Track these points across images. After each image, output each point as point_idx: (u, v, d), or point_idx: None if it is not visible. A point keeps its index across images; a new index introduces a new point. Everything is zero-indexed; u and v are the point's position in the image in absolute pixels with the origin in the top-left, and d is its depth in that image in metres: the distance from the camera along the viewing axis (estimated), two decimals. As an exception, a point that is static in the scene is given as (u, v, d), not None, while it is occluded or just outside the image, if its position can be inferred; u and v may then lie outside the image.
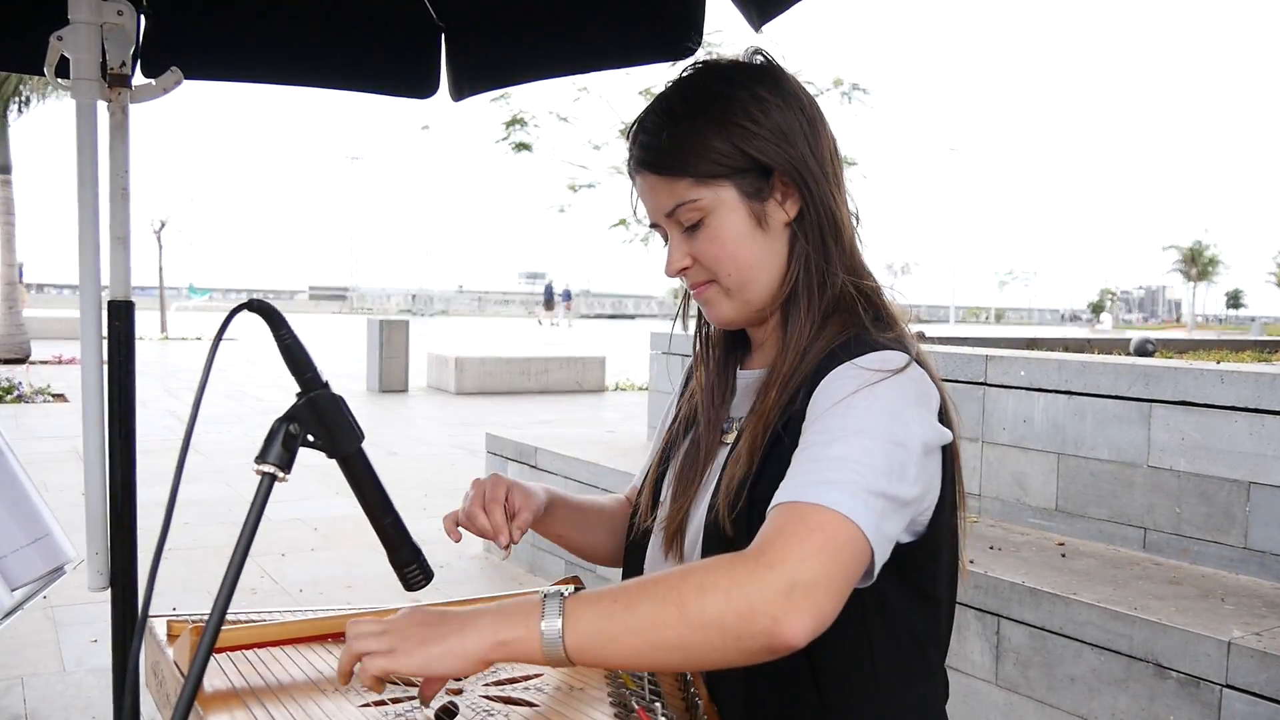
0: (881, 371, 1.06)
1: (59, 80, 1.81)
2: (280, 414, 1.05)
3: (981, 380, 3.95)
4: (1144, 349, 7.35)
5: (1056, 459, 3.71)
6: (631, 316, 72.54)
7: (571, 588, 1.03)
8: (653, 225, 1.24)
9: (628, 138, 1.23)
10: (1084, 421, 3.60)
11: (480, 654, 0.97)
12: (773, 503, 1.01)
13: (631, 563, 1.36)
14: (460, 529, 1.33)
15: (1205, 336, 13.09)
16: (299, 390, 1.08)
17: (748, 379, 1.29)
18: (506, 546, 1.32)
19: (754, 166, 1.15)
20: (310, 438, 1.07)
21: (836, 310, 1.17)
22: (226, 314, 1.01)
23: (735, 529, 1.13)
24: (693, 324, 1.36)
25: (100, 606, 1.87)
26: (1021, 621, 3.05)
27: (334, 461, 1.10)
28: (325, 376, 1.09)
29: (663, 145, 1.17)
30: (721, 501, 1.15)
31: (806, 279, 1.17)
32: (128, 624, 1.81)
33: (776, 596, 0.91)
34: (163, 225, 25.57)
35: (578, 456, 5.33)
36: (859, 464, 0.99)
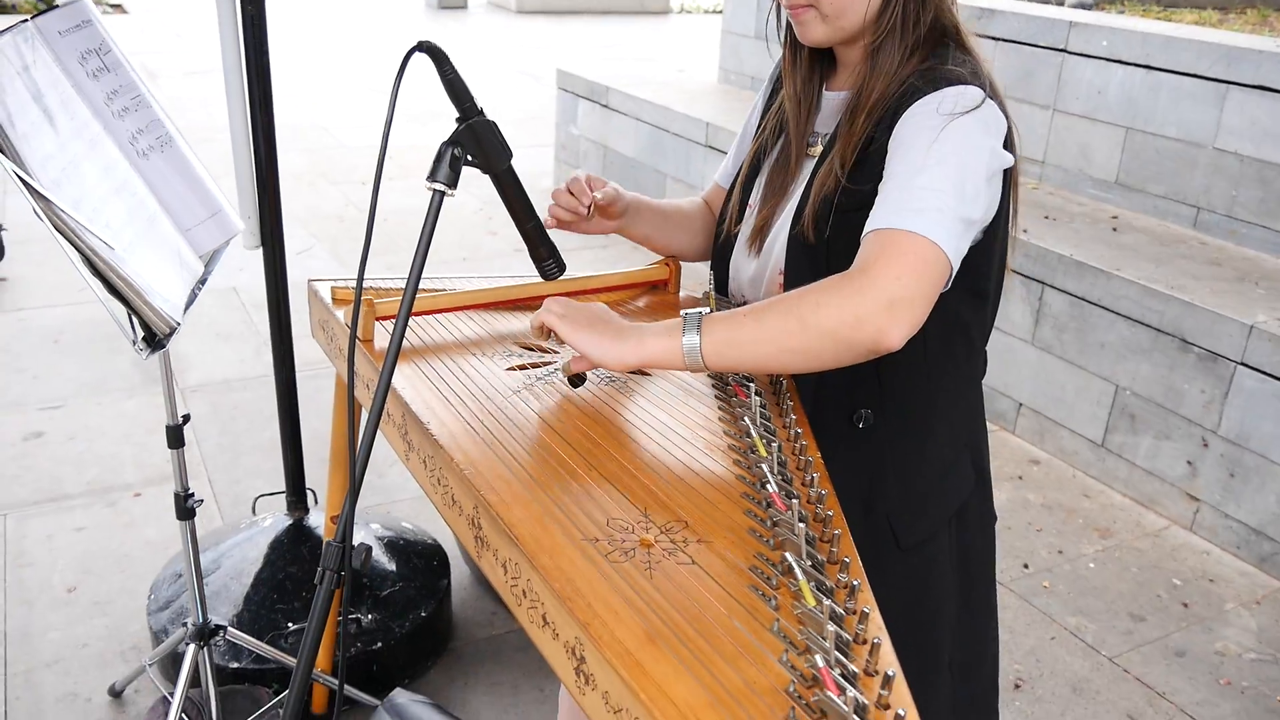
0: (958, 108, 1.19)
1: None
2: (444, 136, 1.23)
3: (1062, 47, 3.92)
4: None
5: (1125, 133, 3.76)
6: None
7: (709, 308, 1.24)
8: None
9: None
10: (1158, 97, 3.62)
11: (629, 359, 1.21)
12: (868, 228, 1.17)
13: (719, 264, 1.54)
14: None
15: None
16: (458, 117, 1.25)
17: (832, 99, 1.40)
18: (589, 206, 1.53)
19: None
20: (470, 158, 1.25)
21: (924, 43, 1.28)
22: (401, 58, 1.16)
23: (817, 238, 1.31)
24: (781, 31, 1.44)
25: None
26: (1064, 290, 3.28)
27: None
28: (480, 104, 1.25)
29: None
30: (808, 215, 1.31)
31: (903, 14, 1.27)
32: (279, 279, 2.08)
33: (880, 310, 1.10)
34: None
35: (649, 99, 5.41)
36: (941, 192, 1.15)
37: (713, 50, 6.45)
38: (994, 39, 4.13)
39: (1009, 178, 1.29)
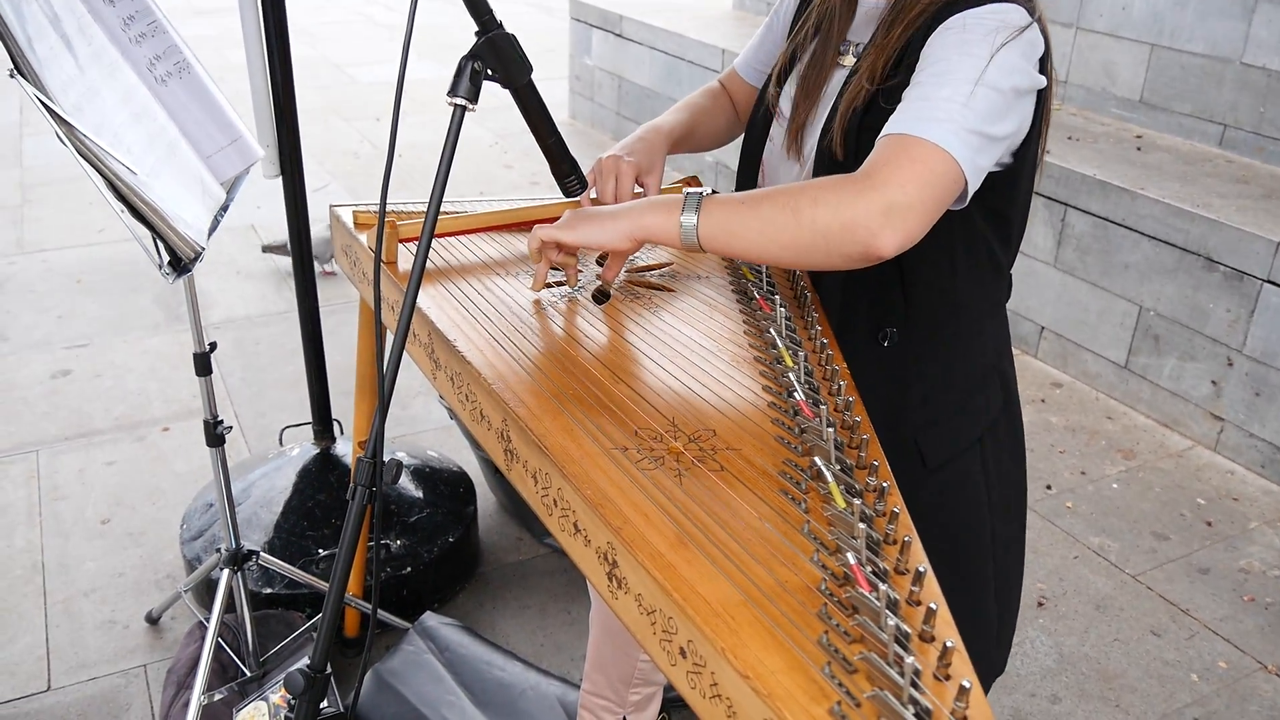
0: (998, 27, 1.16)
1: None
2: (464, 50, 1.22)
3: (1086, -37, 3.84)
4: None
5: (1150, 50, 3.69)
6: None
7: (710, 188, 1.23)
8: None
9: None
10: (1184, 11, 3.54)
11: (627, 232, 1.20)
12: (883, 133, 1.15)
13: (747, 167, 1.49)
14: None
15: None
16: (477, 30, 1.23)
17: (868, 6, 1.36)
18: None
19: None
20: (490, 72, 1.24)
21: None
22: (421, -33, 1.14)
23: (845, 154, 1.29)
24: None
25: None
26: (1087, 211, 3.24)
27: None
28: (500, 18, 1.24)
29: None
30: (836, 129, 1.29)
31: None
32: (299, 204, 2.08)
33: (875, 215, 1.08)
34: None
35: (664, 27, 5.33)
36: (963, 106, 1.12)
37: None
38: (1016, -44, 4.04)
39: (1041, 100, 1.25)
